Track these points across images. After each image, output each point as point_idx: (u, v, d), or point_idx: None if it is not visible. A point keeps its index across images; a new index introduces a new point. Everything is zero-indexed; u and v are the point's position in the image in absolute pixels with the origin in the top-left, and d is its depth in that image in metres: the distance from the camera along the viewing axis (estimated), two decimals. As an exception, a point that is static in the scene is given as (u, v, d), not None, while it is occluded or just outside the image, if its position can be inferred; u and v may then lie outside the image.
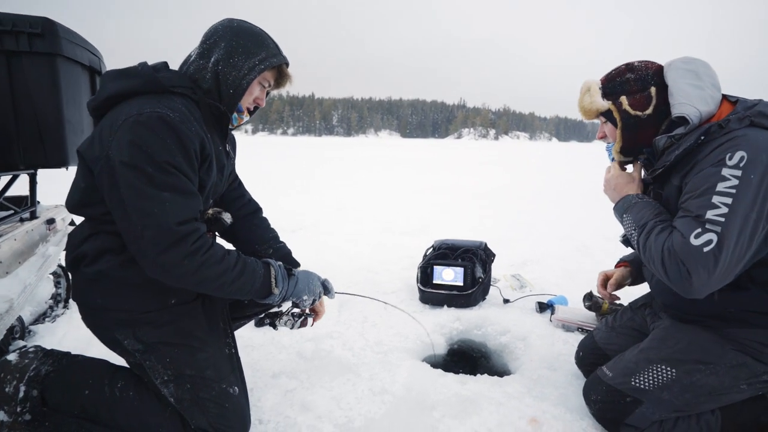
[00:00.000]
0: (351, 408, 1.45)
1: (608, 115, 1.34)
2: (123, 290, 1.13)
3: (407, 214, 5.17)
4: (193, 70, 1.18)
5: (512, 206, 5.96)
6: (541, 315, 2.21)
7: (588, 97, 1.35)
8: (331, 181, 8.96)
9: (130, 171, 1.00)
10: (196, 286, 1.08)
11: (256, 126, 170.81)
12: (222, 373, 1.21)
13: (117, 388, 1.18)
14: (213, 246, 1.09)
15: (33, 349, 1.24)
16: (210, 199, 1.27)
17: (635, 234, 1.25)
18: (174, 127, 1.03)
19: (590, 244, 3.78)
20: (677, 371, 1.24)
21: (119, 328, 1.16)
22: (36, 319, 2.06)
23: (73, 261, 1.16)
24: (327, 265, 2.92)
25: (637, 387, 1.26)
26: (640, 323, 1.54)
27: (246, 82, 1.17)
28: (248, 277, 1.14)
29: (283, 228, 4.22)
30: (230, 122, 1.26)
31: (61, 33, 1.60)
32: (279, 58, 1.22)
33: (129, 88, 1.10)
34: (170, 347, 1.16)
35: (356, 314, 2.18)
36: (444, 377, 1.62)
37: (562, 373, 1.66)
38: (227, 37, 1.17)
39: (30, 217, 1.92)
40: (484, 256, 2.44)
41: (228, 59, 1.16)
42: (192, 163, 1.08)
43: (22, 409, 1.13)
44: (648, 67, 1.30)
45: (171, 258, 1.01)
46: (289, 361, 1.74)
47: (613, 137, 1.38)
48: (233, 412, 1.20)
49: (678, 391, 1.22)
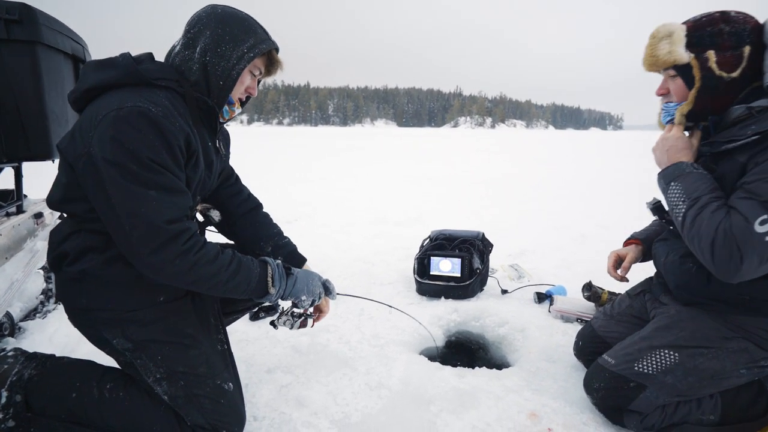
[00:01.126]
0: (347, 403, 1.42)
1: (684, 70, 1.17)
2: (108, 289, 1.09)
3: (403, 204, 5.13)
4: (179, 62, 1.12)
5: (509, 195, 5.93)
6: (539, 306, 2.19)
7: (667, 44, 1.17)
8: (327, 171, 8.89)
9: (114, 169, 0.96)
10: (190, 285, 1.06)
11: (252, 116, 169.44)
12: (215, 369, 1.19)
13: (106, 390, 1.14)
14: (205, 245, 1.06)
15: (12, 353, 1.19)
16: (197, 196, 1.22)
17: (682, 206, 1.14)
18: (157, 122, 0.98)
19: (588, 234, 3.76)
20: (680, 355, 1.23)
21: (107, 328, 1.12)
22: (26, 315, 2.02)
23: (55, 260, 1.12)
24: (323, 257, 2.89)
25: (640, 372, 1.25)
26: (639, 310, 1.53)
27: (236, 72, 1.12)
28: (243, 276, 1.11)
29: (280, 219, 4.20)
30: (221, 116, 1.20)
31: (41, 20, 1.54)
32: (268, 43, 1.17)
33: (108, 80, 1.04)
34: (161, 345, 1.14)
35: (353, 307, 2.15)
36: (441, 370, 1.60)
37: (562, 365, 1.64)
38: (212, 24, 1.11)
39: (17, 212, 1.87)
40: (482, 247, 2.41)
41: (215, 48, 1.10)
42: (177, 160, 1.04)
43: (5, 415, 1.09)
44: (746, 21, 1.12)
45: (162, 258, 0.99)
46: (285, 355, 1.71)
47: (680, 96, 1.22)
48: (229, 407, 1.18)
49: (681, 374, 1.22)
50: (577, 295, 2.15)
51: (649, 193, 1.45)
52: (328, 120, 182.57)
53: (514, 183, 7.29)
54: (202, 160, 1.16)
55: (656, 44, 1.19)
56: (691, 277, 1.25)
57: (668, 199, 1.21)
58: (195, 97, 1.12)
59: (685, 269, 1.28)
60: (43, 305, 2.14)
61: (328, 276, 2.59)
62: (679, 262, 1.31)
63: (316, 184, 6.88)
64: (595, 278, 2.48)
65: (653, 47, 1.20)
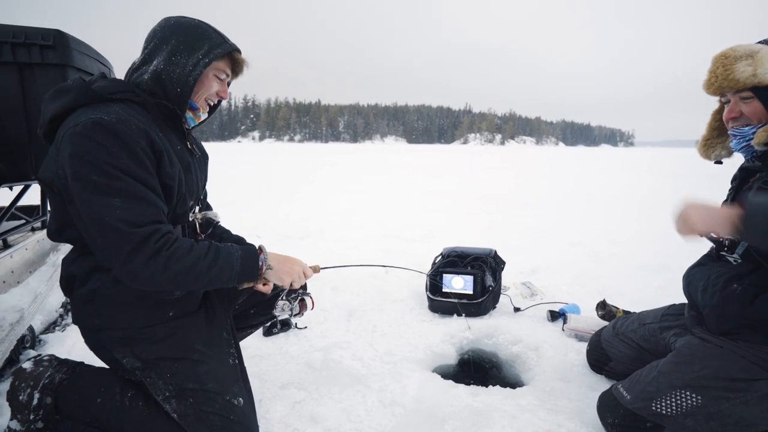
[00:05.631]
0: (361, 420, 1.42)
1: (762, 92, 1.13)
2: (117, 308, 1.12)
3: (414, 221, 5.14)
4: (136, 77, 1.13)
5: (520, 212, 5.91)
6: (552, 324, 2.17)
7: (749, 66, 1.11)
8: (336, 186, 8.97)
9: (77, 183, 0.96)
10: (171, 283, 1.02)
11: (264, 133, 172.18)
12: (225, 384, 1.19)
13: (127, 398, 1.17)
14: (177, 239, 1.04)
15: (47, 358, 1.25)
16: (189, 200, 1.21)
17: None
18: (110, 128, 0.98)
19: (600, 250, 3.73)
20: (703, 399, 1.17)
21: (117, 347, 1.15)
22: (46, 328, 2.06)
23: (67, 284, 1.15)
24: (336, 273, 2.91)
25: (658, 412, 1.21)
26: (644, 336, 1.51)
27: (192, 78, 1.11)
28: (225, 261, 1.08)
29: (290, 236, 4.26)
30: (184, 122, 1.21)
31: (72, 44, 1.62)
32: (224, 46, 1.16)
33: (64, 105, 1.05)
34: (169, 362, 1.15)
35: (365, 324, 2.16)
36: (455, 389, 1.59)
37: (576, 384, 1.62)
38: (166, 36, 1.12)
39: (41, 227, 1.93)
40: (494, 264, 2.41)
41: (170, 58, 1.10)
42: (142, 162, 1.01)
43: (35, 416, 1.14)
44: None
45: (137, 262, 0.97)
46: (298, 371, 1.72)
47: (758, 118, 1.16)
48: (238, 423, 1.17)
49: (703, 419, 1.17)
50: (591, 313, 2.13)
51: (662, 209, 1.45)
52: (338, 137, 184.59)
53: (525, 199, 7.27)
54: (177, 161, 1.14)
55: (732, 65, 1.13)
56: (734, 300, 1.19)
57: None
58: (154, 103, 1.12)
59: (729, 292, 1.22)
60: (62, 318, 2.19)
61: (341, 291, 2.61)
62: (721, 286, 1.24)
63: (325, 199, 6.94)
64: (609, 296, 2.46)
65: (728, 68, 1.14)
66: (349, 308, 2.35)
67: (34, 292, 1.69)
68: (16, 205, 1.83)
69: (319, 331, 2.06)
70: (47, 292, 1.77)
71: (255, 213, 5.40)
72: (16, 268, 1.66)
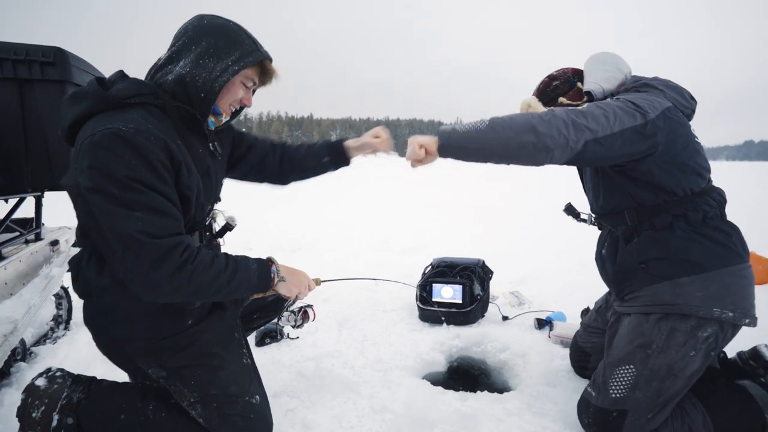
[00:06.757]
0: (352, 426, 1.45)
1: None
2: (141, 319, 1.14)
3: (404, 232, 5.19)
4: (159, 76, 1.10)
5: (509, 222, 5.99)
6: (539, 331, 2.22)
7: (532, 110, 1.50)
8: (327, 198, 9.00)
9: (96, 196, 0.96)
10: (193, 296, 1.04)
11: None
12: (244, 386, 1.23)
13: (150, 410, 1.18)
14: (200, 252, 1.05)
15: (60, 374, 1.23)
16: (207, 206, 1.22)
17: (480, 124, 1.23)
18: (128, 139, 0.96)
19: (587, 260, 3.79)
20: (635, 366, 1.28)
21: (142, 357, 1.16)
22: (37, 340, 2.06)
23: (84, 291, 1.16)
24: (326, 285, 2.93)
25: (616, 398, 1.29)
26: (604, 321, 1.65)
27: (218, 85, 1.08)
28: (243, 273, 1.11)
29: (283, 248, 4.28)
30: (206, 126, 1.18)
31: (72, 61, 1.67)
32: (256, 55, 1.12)
33: (82, 111, 1.03)
34: (193, 369, 1.18)
35: (356, 333, 2.19)
36: (444, 394, 1.63)
37: (562, 389, 1.67)
38: (196, 37, 1.08)
39: (35, 239, 1.95)
40: (482, 274, 2.46)
41: (197, 60, 1.06)
42: (161, 175, 1.00)
43: None
44: (566, 72, 1.55)
45: (161, 274, 0.97)
46: (290, 380, 1.74)
47: None
48: (258, 420, 1.23)
49: (644, 384, 1.26)
50: (577, 320, 2.19)
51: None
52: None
53: (514, 210, 7.36)
54: (195, 169, 1.12)
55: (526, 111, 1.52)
56: (608, 264, 1.45)
57: (467, 136, 1.22)
58: (175, 107, 1.08)
59: (602, 260, 1.52)
60: (53, 331, 2.19)
61: (333, 302, 2.63)
62: (601, 257, 1.55)
63: (316, 211, 6.97)
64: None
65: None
66: (340, 318, 2.38)
67: (27, 304, 1.70)
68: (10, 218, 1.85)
69: (311, 341, 2.09)
70: (40, 304, 1.78)
71: (246, 225, 5.40)
72: (9, 279, 1.68)
